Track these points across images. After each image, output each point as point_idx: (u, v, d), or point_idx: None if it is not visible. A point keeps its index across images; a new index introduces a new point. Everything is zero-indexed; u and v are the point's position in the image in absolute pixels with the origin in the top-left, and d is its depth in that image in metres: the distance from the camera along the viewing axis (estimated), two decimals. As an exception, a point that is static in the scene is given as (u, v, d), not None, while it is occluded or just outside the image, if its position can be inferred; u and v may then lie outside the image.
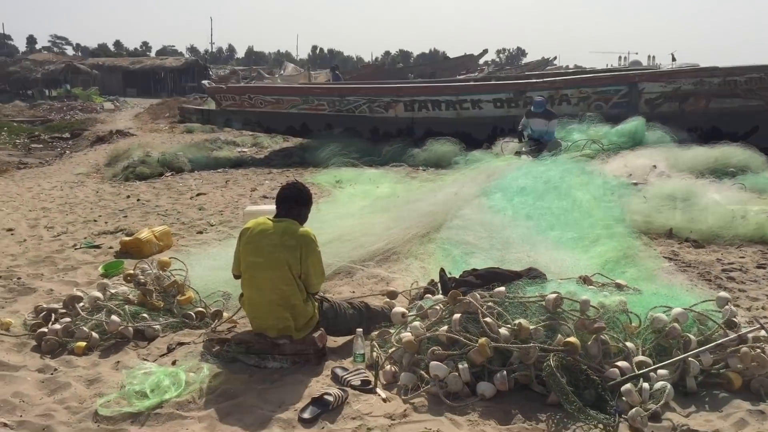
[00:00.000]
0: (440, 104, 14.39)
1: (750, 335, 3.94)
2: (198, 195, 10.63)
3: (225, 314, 4.95)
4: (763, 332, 4.01)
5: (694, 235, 7.16)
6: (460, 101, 14.27)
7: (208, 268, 5.62)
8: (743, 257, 6.52)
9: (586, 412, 3.35)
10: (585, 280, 4.75)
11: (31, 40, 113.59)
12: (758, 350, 3.84)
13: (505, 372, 3.67)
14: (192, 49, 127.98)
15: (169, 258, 5.59)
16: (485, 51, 44.67)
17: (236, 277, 4.40)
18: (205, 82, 21.65)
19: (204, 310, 5.02)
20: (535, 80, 15.52)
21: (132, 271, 5.42)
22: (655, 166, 9.75)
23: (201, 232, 7.92)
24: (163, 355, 4.42)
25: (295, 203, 4.31)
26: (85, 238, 7.75)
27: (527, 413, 3.52)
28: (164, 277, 5.27)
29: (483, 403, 3.61)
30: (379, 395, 3.74)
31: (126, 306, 4.88)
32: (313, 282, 4.23)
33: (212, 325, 4.77)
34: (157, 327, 4.76)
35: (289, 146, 17.18)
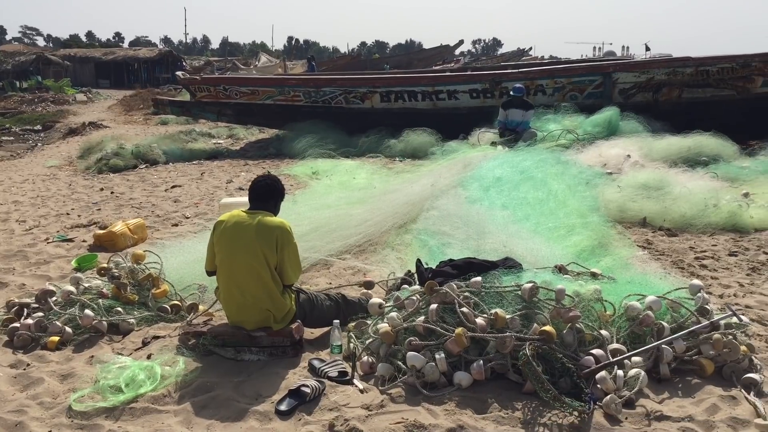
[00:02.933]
0: (416, 95, 14.38)
1: (722, 322, 4.00)
2: (173, 187, 10.53)
3: (201, 307, 4.91)
4: (735, 319, 4.08)
5: (667, 223, 7.24)
6: (436, 92, 14.26)
7: (184, 261, 5.57)
8: (715, 245, 6.61)
9: (561, 399, 3.38)
10: (560, 269, 4.78)
11: (1, 31, 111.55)
12: (730, 337, 3.90)
13: (481, 361, 3.69)
14: (166, 40, 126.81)
15: (144, 251, 5.53)
16: (461, 42, 44.71)
17: (209, 273, 4.36)
18: (179, 73, 21.34)
19: (179, 303, 4.97)
20: (510, 71, 15.54)
21: (106, 265, 5.36)
22: (629, 156, 9.83)
23: (176, 225, 7.85)
24: (138, 348, 4.38)
25: (268, 196, 4.29)
26: (58, 231, 7.64)
27: (503, 402, 3.54)
28: (139, 270, 5.23)
29: (460, 392, 3.63)
30: (357, 386, 3.74)
31: (100, 300, 4.83)
32: (289, 274, 4.21)
33: (188, 318, 4.74)
34: (132, 321, 4.71)
35: (265, 137, 17.08)
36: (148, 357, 4.18)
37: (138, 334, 4.60)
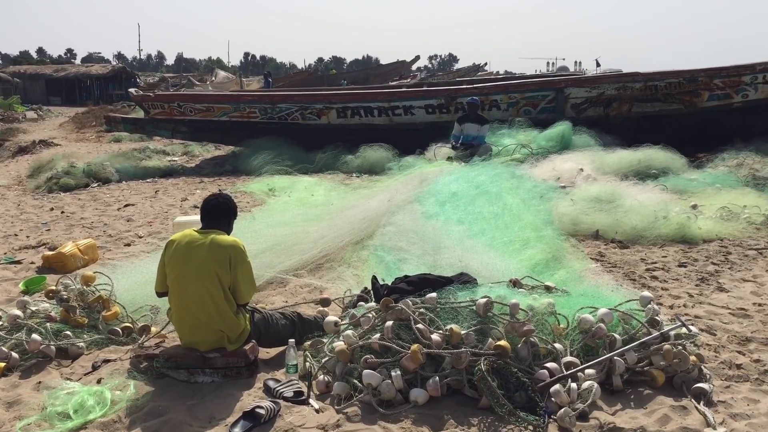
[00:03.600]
0: (372, 110, 14.42)
1: (672, 333, 4.08)
2: (126, 206, 10.34)
3: (153, 329, 4.81)
4: (684, 329, 4.17)
5: (619, 235, 7.38)
6: (392, 107, 14.33)
7: (136, 282, 5.46)
8: (665, 256, 6.75)
9: (516, 414, 3.40)
10: (515, 284, 4.83)
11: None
12: (680, 347, 3.97)
13: (437, 378, 3.69)
14: (119, 56, 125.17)
15: (94, 272, 5.41)
16: (417, 57, 45.11)
17: (159, 294, 4.29)
18: (131, 90, 21.01)
19: (131, 325, 4.87)
20: (465, 86, 15.72)
21: (54, 287, 5.22)
22: (581, 170, 10.01)
23: (128, 245, 7.71)
24: (88, 373, 4.27)
25: (221, 214, 4.25)
26: (5, 253, 7.43)
27: (459, 418, 3.54)
28: (88, 293, 5.10)
29: (416, 409, 3.62)
30: (312, 406, 3.70)
31: (48, 323, 4.69)
32: (243, 293, 4.16)
33: (140, 341, 4.64)
34: (81, 344, 4.60)
35: (221, 154, 16.92)
36: (98, 381, 4.08)
37: (88, 358, 4.48)
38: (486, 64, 60.73)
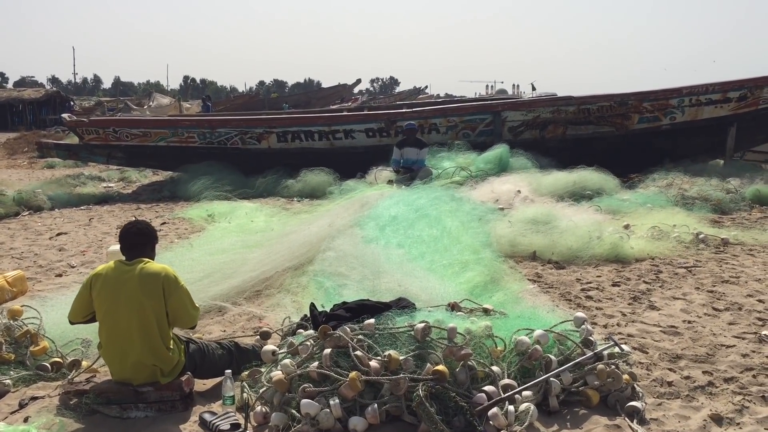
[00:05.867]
0: (313, 135, 14.43)
1: (605, 352, 4.17)
2: (58, 235, 10.02)
3: (84, 363, 4.65)
4: (617, 349, 4.27)
5: (555, 256, 7.53)
6: (332, 131, 14.37)
7: (66, 315, 5.26)
8: (600, 276, 6.92)
9: (454, 439, 3.40)
10: (453, 307, 4.85)
11: None
12: (613, 366, 4.06)
13: (376, 405, 3.66)
14: (54, 80, 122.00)
15: (22, 306, 5.21)
16: (359, 81, 45.50)
17: (73, 323, 4.22)
18: (65, 115, 20.44)
19: (60, 359, 4.69)
20: (405, 110, 15.90)
21: (-22, 323, 5.01)
22: (519, 191, 10.21)
23: (60, 275, 7.46)
24: (15, 411, 4.08)
25: (144, 241, 4.16)
26: (-73, 287, 7.09)
27: (399, 445, 3.53)
28: (15, 327, 4.90)
29: (355, 438, 3.59)
30: (250, 438, 3.63)
31: (-29, 361, 4.49)
32: (185, 318, 4.08)
33: (69, 376, 4.47)
34: (8, 382, 4.40)
35: (159, 180, 16.62)
36: (25, 420, 3.90)
37: (15, 396, 4.29)
38: (427, 87, 61.75)
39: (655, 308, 5.84)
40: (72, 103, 52.65)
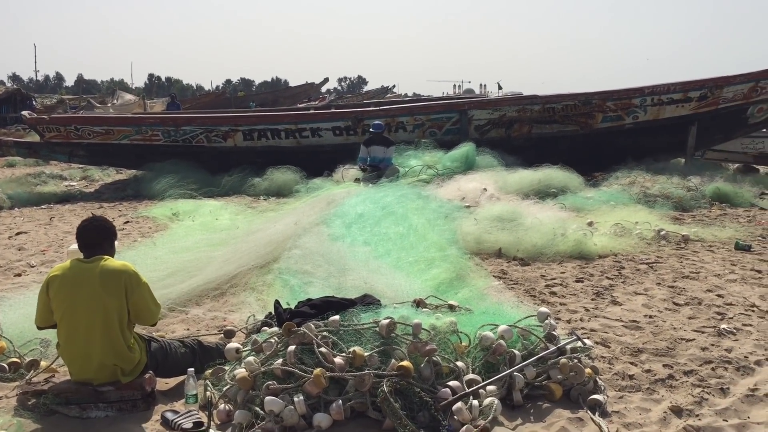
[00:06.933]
0: (280, 133, 14.35)
1: (568, 347, 4.21)
2: (17, 234, 9.81)
3: (43, 363, 4.56)
4: (579, 343, 4.31)
5: (520, 253, 7.59)
6: (299, 130, 14.30)
7: (25, 314, 5.12)
8: (564, 272, 6.99)
9: (419, 434, 3.40)
10: (419, 304, 4.87)
11: None
12: (575, 360, 4.11)
13: (340, 401, 3.65)
14: (14, 77, 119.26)
15: (-22, 306, 5.09)
16: (326, 79, 45.25)
17: (40, 328, 4.10)
18: (24, 112, 19.99)
19: (18, 360, 4.59)
20: (372, 108, 15.91)
21: (-67, 323, 4.87)
22: (485, 189, 10.28)
23: (19, 275, 7.30)
24: (-30, 414, 3.99)
25: (101, 238, 4.07)
26: None
27: (363, 441, 3.52)
28: (-29, 328, 4.78)
29: (320, 434, 3.57)
30: (213, 437, 3.59)
31: (-75, 363, 4.37)
32: (147, 315, 4.02)
33: (27, 376, 4.38)
34: (-37, 383, 4.30)
35: (123, 178, 16.37)
36: (-19, 422, 3.82)
37: (-30, 398, 4.20)
38: (394, 86, 61.79)
39: (617, 303, 5.92)
40: (33, 101, 51.53)
